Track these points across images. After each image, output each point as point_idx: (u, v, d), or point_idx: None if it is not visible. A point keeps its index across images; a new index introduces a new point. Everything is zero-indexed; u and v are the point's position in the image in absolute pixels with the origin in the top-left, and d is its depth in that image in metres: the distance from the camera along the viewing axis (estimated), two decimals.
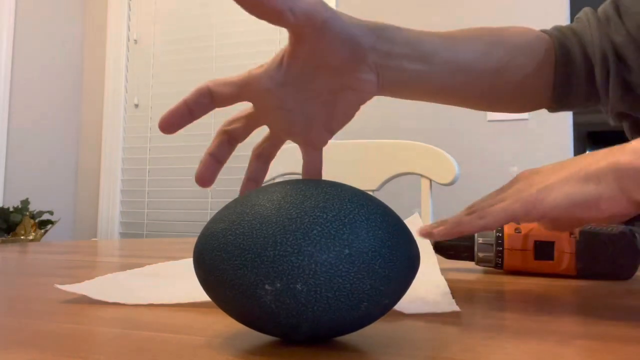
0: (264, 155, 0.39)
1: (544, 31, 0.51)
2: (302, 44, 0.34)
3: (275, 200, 0.24)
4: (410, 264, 0.24)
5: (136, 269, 0.49)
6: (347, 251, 0.22)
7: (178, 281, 0.43)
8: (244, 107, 0.39)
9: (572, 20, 1.88)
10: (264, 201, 0.25)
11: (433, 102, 0.46)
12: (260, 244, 0.23)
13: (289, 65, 0.35)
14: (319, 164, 0.39)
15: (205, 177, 0.37)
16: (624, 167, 0.29)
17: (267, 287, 0.22)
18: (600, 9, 0.52)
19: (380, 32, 0.37)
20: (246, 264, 0.23)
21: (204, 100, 0.36)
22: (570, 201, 0.30)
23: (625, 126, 0.53)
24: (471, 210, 0.36)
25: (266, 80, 0.35)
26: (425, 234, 0.36)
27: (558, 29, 0.52)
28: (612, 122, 0.54)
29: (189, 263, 0.55)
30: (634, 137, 0.53)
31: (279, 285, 0.22)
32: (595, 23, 0.50)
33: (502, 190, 0.37)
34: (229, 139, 0.38)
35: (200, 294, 0.37)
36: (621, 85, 0.49)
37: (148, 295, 0.37)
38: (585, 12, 0.53)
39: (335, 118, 0.37)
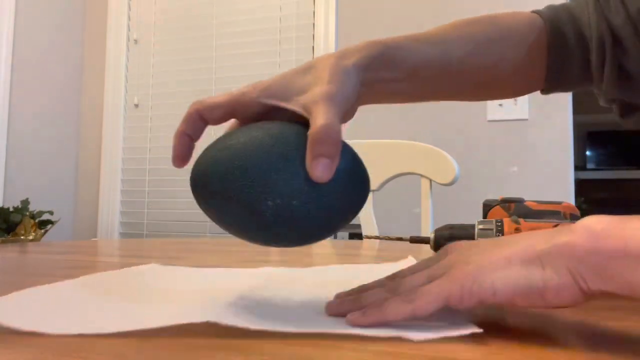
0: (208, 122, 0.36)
1: (536, 12, 0.50)
2: None
3: (274, 135, 0.30)
4: (366, 187, 0.32)
5: (67, 281, 0.40)
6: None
7: (115, 302, 0.34)
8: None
9: None
10: (262, 135, 0.30)
11: (416, 102, 0.47)
12: (265, 169, 0.28)
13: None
14: None
15: (183, 155, 0.35)
16: (578, 251, 0.24)
17: (269, 202, 0.28)
18: None
19: (373, 61, 0.38)
20: (253, 185, 0.28)
21: (198, 124, 0.35)
22: (512, 288, 0.25)
23: (615, 109, 0.52)
24: (393, 288, 0.30)
25: (256, 106, 0.35)
26: (335, 313, 0.30)
27: (553, 9, 0.49)
28: (602, 103, 0.52)
29: (129, 273, 0.46)
30: (622, 120, 0.51)
31: (279, 201, 0.28)
32: (592, 3, 0.48)
33: (432, 260, 0.32)
34: (202, 119, 0.35)
35: (147, 320, 0.28)
36: (616, 71, 0.47)
37: (72, 325, 0.27)
38: None
39: None
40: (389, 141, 1.10)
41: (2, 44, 2.13)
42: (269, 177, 0.28)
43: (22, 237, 1.91)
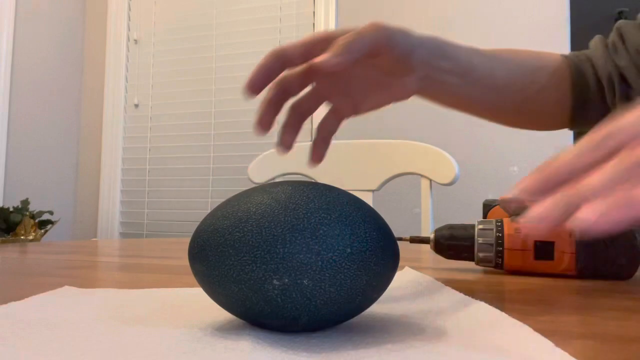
0: (302, 112, 0.44)
1: (562, 55, 0.57)
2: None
3: (282, 200, 0.26)
4: (395, 262, 0.27)
5: None
6: (348, 250, 0.25)
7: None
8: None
9: (571, 18, 1.87)
10: (269, 200, 0.26)
11: (463, 112, 0.53)
12: (270, 241, 0.24)
13: None
14: (335, 130, 0.46)
15: (266, 121, 0.41)
16: None
17: (275, 282, 0.24)
18: (610, 38, 0.58)
19: (437, 49, 0.45)
20: (255, 260, 0.24)
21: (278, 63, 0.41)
22: None
23: None
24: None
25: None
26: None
27: (574, 54, 0.58)
28: None
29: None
30: None
31: (287, 280, 0.24)
32: (602, 49, 0.56)
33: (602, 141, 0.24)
34: (285, 91, 0.42)
35: None
36: (627, 103, 0.54)
37: None
38: (595, 40, 0.59)
39: (365, 104, 0.46)
40: (389, 141, 1.10)
41: (3, 44, 2.13)
42: (274, 251, 0.24)
43: (22, 237, 1.91)
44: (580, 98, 0.55)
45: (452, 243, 0.50)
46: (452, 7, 1.95)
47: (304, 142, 0.99)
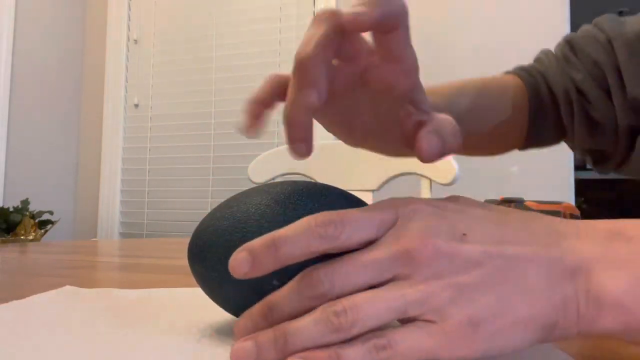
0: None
1: (516, 73, 0.54)
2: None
3: (281, 200, 0.26)
4: None
5: None
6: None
7: None
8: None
9: (571, 18, 1.87)
10: (268, 201, 0.26)
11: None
12: None
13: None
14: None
15: (254, 124, 0.30)
16: (601, 328, 0.21)
17: (274, 282, 0.23)
18: (556, 49, 0.55)
19: None
20: None
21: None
22: (515, 349, 0.21)
23: (588, 160, 0.56)
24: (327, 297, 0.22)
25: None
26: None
27: (525, 70, 0.54)
28: (577, 155, 0.57)
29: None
30: (596, 169, 0.56)
31: (286, 281, 0.23)
32: (554, 62, 0.53)
33: (390, 235, 0.23)
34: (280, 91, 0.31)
35: None
36: (585, 121, 0.51)
37: None
38: (545, 52, 0.56)
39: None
40: None
41: (2, 44, 2.13)
42: None
43: (22, 237, 1.91)
44: (535, 119, 0.53)
45: None
46: (452, 7, 1.95)
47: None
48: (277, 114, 1.79)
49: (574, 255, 0.22)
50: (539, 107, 0.52)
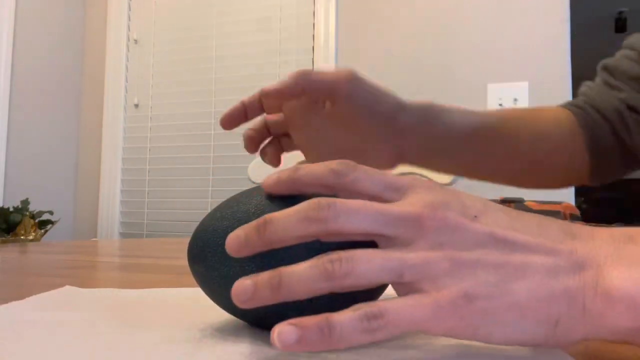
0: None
1: (569, 108, 0.55)
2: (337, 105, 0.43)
3: (280, 201, 0.25)
4: None
5: None
6: None
7: None
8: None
9: (571, 18, 1.87)
10: (268, 201, 0.26)
11: (468, 178, 0.53)
12: None
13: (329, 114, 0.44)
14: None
15: (231, 120, 0.45)
16: (610, 327, 0.20)
17: None
18: (596, 79, 0.57)
19: (427, 114, 0.45)
20: (255, 261, 0.24)
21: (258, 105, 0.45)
22: (510, 342, 0.20)
23: None
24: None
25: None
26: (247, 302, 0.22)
27: (571, 103, 0.55)
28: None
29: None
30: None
31: None
32: (597, 89, 0.55)
33: (394, 188, 0.24)
34: (262, 108, 0.45)
35: None
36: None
37: None
38: (586, 84, 0.57)
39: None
40: None
41: (2, 44, 2.13)
42: (274, 251, 0.23)
43: (22, 237, 1.91)
44: (595, 146, 0.53)
45: None
46: (452, 7, 1.95)
47: None
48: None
49: (584, 250, 0.21)
50: (593, 132, 0.53)
